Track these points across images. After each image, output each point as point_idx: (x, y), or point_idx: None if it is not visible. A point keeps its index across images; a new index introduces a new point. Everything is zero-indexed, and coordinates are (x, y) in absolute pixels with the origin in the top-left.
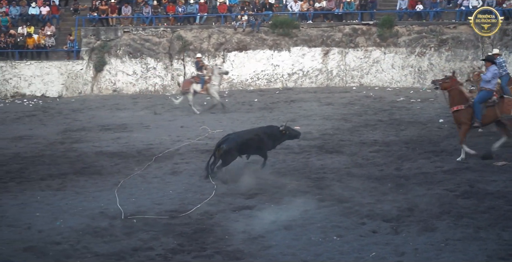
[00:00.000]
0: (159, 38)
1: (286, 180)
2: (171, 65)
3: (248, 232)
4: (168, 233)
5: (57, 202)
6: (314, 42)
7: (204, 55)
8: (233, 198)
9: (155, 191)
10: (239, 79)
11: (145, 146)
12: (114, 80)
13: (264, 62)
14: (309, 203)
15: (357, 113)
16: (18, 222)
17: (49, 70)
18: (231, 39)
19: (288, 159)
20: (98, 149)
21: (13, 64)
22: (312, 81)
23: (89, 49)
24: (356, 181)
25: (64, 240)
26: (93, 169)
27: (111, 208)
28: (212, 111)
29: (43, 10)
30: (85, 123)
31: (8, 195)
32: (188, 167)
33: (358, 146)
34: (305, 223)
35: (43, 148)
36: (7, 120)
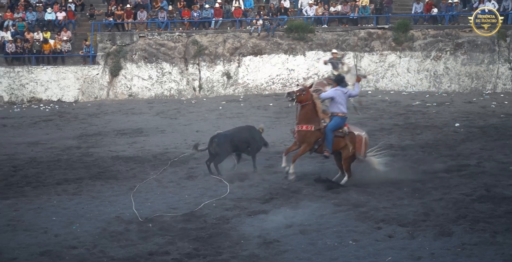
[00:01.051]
0: (175, 43)
1: (302, 184)
2: (186, 69)
3: (263, 237)
4: (184, 238)
5: (73, 207)
6: (329, 46)
7: (219, 59)
8: (248, 202)
9: (170, 195)
10: (254, 83)
11: (161, 151)
12: (130, 85)
13: (279, 67)
14: (325, 207)
15: (372, 118)
16: (35, 226)
17: (65, 75)
18: (246, 44)
19: (303, 163)
20: (114, 153)
21: (30, 69)
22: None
23: (105, 54)
24: (372, 186)
25: (80, 244)
26: (109, 174)
27: (127, 213)
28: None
29: (59, 15)
30: (101, 128)
31: (24, 199)
32: (204, 172)
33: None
34: (320, 228)
35: (59, 152)
36: (24, 125)
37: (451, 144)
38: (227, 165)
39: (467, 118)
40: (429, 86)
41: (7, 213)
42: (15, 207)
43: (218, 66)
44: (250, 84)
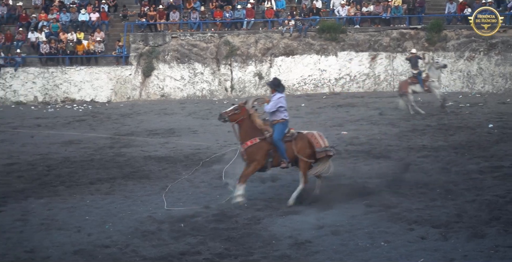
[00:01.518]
0: (207, 43)
1: (333, 185)
2: (218, 70)
3: (295, 237)
4: (215, 238)
5: (106, 206)
6: (362, 47)
7: (251, 60)
8: (280, 203)
9: (202, 195)
10: (286, 84)
11: (193, 151)
12: (162, 86)
13: (311, 67)
14: (357, 208)
15: (404, 118)
16: (68, 226)
17: (98, 75)
18: (278, 44)
19: (335, 163)
20: (146, 153)
21: (64, 70)
22: (360, 86)
23: (137, 54)
24: (404, 187)
25: (113, 243)
26: (141, 173)
27: (159, 212)
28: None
29: (93, 16)
30: (133, 128)
31: (58, 198)
32: (236, 171)
33: (406, 151)
34: (352, 229)
35: (92, 152)
36: (58, 125)
37: (485, 145)
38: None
39: (501, 119)
40: (462, 87)
41: (41, 212)
42: (48, 206)
43: (250, 67)
44: None
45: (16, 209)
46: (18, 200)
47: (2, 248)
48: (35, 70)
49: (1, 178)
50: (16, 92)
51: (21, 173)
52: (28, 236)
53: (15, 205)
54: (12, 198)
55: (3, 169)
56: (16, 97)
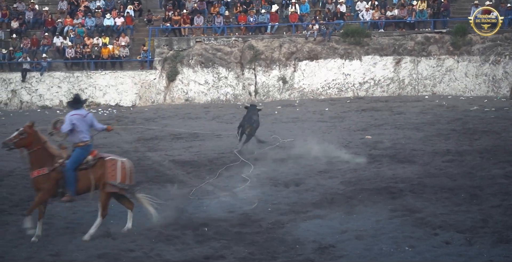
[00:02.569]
0: (231, 47)
1: (357, 189)
2: (242, 74)
3: (318, 242)
4: (239, 242)
5: None
6: (386, 51)
7: (275, 64)
8: (304, 207)
9: (226, 199)
10: (310, 88)
11: (217, 155)
12: (186, 90)
13: (335, 71)
14: (381, 213)
15: (429, 123)
16: None
17: (123, 80)
18: (302, 48)
19: (359, 168)
20: (171, 157)
21: (89, 74)
22: (384, 90)
23: (162, 59)
24: (428, 191)
25: (137, 247)
26: (165, 177)
27: (183, 216)
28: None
29: (118, 21)
30: (157, 132)
31: (83, 202)
32: (259, 176)
33: (430, 156)
34: (376, 233)
35: None
36: None
37: (510, 150)
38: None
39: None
40: (488, 91)
41: (66, 216)
42: (73, 210)
43: (274, 71)
44: (306, 89)
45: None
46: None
47: (28, 251)
48: (60, 74)
49: (26, 182)
50: (42, 96)
51: None
52: (53, 240)
53: None
54: None
55: (27, 173)
56: (42, 102)
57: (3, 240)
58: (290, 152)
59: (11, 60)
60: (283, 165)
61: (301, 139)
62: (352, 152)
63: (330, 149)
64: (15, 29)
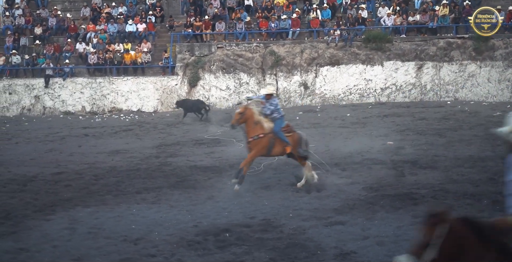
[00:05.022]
0: (252, 53)
1: (379, 195)
2: (263, 80)
3: (340, 248)
4: (261, 248)
5: (152, 215)
6: (408, 56)
7: (297, 70)
8: (325, 213)
9: (247, 205)
10: (332, 94)
11: (238, 160)
12: (208, 95)
13: (356, 77)
14: (403, 219)
15: (451, 128)
16: (115, 234)
17: (145, 85)
18: (323, 54)
19: (381, 174)
20: (192, 163)
21: (111, 80)
22: (406, 95)
23: (183, 64)
24: (451, 197)
25: (159, 252)
26: (187, 183)
27: (205, 222)
28: None
29: (140, 27)
30: (179, 138)
31: (105, 207)
32: (281, 182)
33: (453, 161)
34: (398, 239)
35: (138, 161)
36: (105, 134)
37: None
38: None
39: None
40: (511, 96)
41: (88, 221)
42: (96, 215)
43: (295, 77)
44: (327, 94)
45: (64, 218)
46: (66, 209)
47: (50, 256)
48: (83, 80)
49: (49, 187)
50: (64, 102)
51: (68, 182)
52: (75, 245)
53: (63, 213)
54: (60, 207)
55: (51, 178)
56: (65, 107)
57: (27, 245)
58: (311, 157)
59: (34, 66)
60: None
61: (323, 145)
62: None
63: (352, 154)
64: (39, 35)
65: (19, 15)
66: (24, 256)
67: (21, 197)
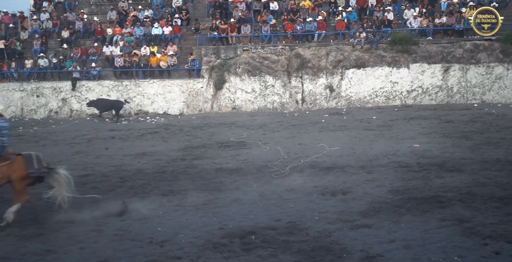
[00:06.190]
0: (278, 56)
1: (405, 198)
2: (289, 82)
3: (366, 251)
4: (286, 250)
5: (178, 218)
6: (434, 59)
7: (322, 72)
8: (351, 216)
9: (273, 207)
10: (357, 96)
11: (264, 163)
12: (234, 98)
13: (382, 79)
14: (429, 222)
15: (478, 131)
16: (141, 236)
17: (171, 88)
18: (349, 57)
19: (407, 177)
20: (218, 165)
21: (137, 82)
22: (432, 98)
23: (209, 67)
24: (478, 201)
25: (184, 254)
26: (212, 185)
27: (230, 224)
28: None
29: (166, 30)
30: (205, 140)
31: (131, 209)
32: (306, 184)
33: (480, 164)
34: (425, 243)
35: (164, 164)
36: (131, 137)
37: None
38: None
39: None
40: None
41: (114, 223)
42: (122, 217)
43: (321, 79)
44: (353, 97)
45: (90, 220)
46: (93, 211)
47: (77, 257)
48: (109, 83)
49: (76, 189)
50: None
51: (95, 184)
52: (102, 246)
53: (89, 215)
54: (87, 209)
55: (78, 180)
56: (92, 110)
57: (54, 246)
58: (337, 160)
59: (61, 69)
60: (330, 174)
61: (348, 147)
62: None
63: (377, 157)
64: (66, 38)
65: (47, 19)
66: (51, 258)
67: (48, 199)
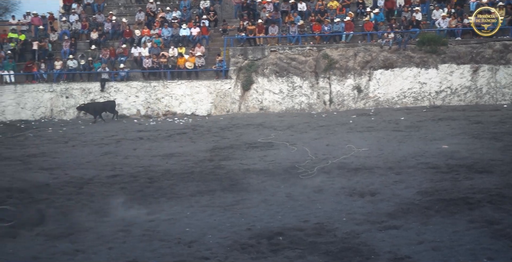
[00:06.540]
0: (305, 57)
1: (434, 200)
2: (317, 83)
3: (394, 252)
4: (314, 251)
5: (205, 218)
6: (463, 59)
7: (350, 73)
8: (379, 217)
9: (301, 208)
10: (385, 97)
11: (291, 164)
12: (261, 99)
13: (410, 80)
14: (458, 224)
15: (508, 132)
16: (169, 237)
17: (198, 89)
18: (377, 57)
19: (435, 178)
20: (245, 166)
21: (165, 83)
22: (461, 99)
23: (237, 68)
24: (507, 202)
25: (212, 255)
26: (240, 186)
27: (258, 225)
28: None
29: (194, 31)
30: (232, 141)
31: (159, 210)
32: (334, 185)
33: (509, 166)
34: (453, 245)
35: (192, 165)
36: (159, 138)
37: None
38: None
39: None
40: None
41: (143, 223)
42: (150, 218)
43: (348, 80)
44: (381, 98)
45: (119, 220)
46: (121, 211)
47: (106, 257)
48: (138, 84)
49: (105, 189)
50: (119, 105)
51: (124, 185)
52: (130, 246)
53: (118, 215)
54: (116, 209)
55: (107, 181)
56: (120, 111)
57: (83, 246)
58: (365, 161)
59: (90, 70)
60: (358, 175)
61: (376, 149)
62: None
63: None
64: (95, 40)
65: (76, 21)
66: (80, 257)
67: (77, 199)
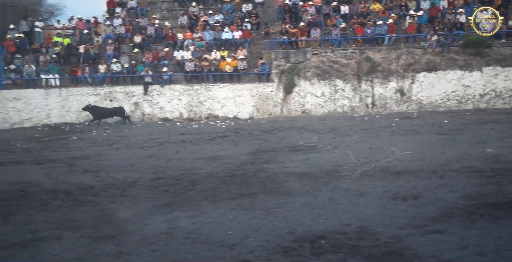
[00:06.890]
0: (348, 59)
1: (478, 204)
2: (359, 86)
3: (437, 257)
4: (356, 255)
5: (247, 221)
6: (508, 62)
7: (393, 76)
8: (422, 221)
9: (343, 212)
10: (429, 100)
11: (333, 167)
12: (303, 102)
13: (454, 83)
14: (503, 228)
15: None
16: (211, 240)
17: (240, 92)
18: (420, 60)
19: (479, 182)
20: (287, 169)
21: (208, 87)
22: (506, 102)
23: (279, 71)
24: None
25: (254, 258)
26: (282, 189)
27: (300, 228)
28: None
29: (236, 34)
30: (274, 144)
31: (201, 213)
32: (376, 189)
33: None
34: (498, 249)
35: (234, 168)
36: (201, 140)
37: None
38: None
39: None
40: None
41: (186, 226)
42: (193, 220)
43: (391, 83)
44: (424, 101)
45: (162, 222)
46: (164, 214)
47: (149, 260)
48: (180, 87)
49: (148, 192)
50: (162, 108)
51: (167, 187)
52: (173, 249)
53: (161, 218)
54: (159, 212)
55: (150, 183)
56: (163, 114)
57: (126, 248)
58: (408, 165)
59: (133, 73)
60: (401, 178)
61: (419, 152)
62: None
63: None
64: (138, 43)
65: (119, 25)
66: (124, 260)
67: (121, 202)
